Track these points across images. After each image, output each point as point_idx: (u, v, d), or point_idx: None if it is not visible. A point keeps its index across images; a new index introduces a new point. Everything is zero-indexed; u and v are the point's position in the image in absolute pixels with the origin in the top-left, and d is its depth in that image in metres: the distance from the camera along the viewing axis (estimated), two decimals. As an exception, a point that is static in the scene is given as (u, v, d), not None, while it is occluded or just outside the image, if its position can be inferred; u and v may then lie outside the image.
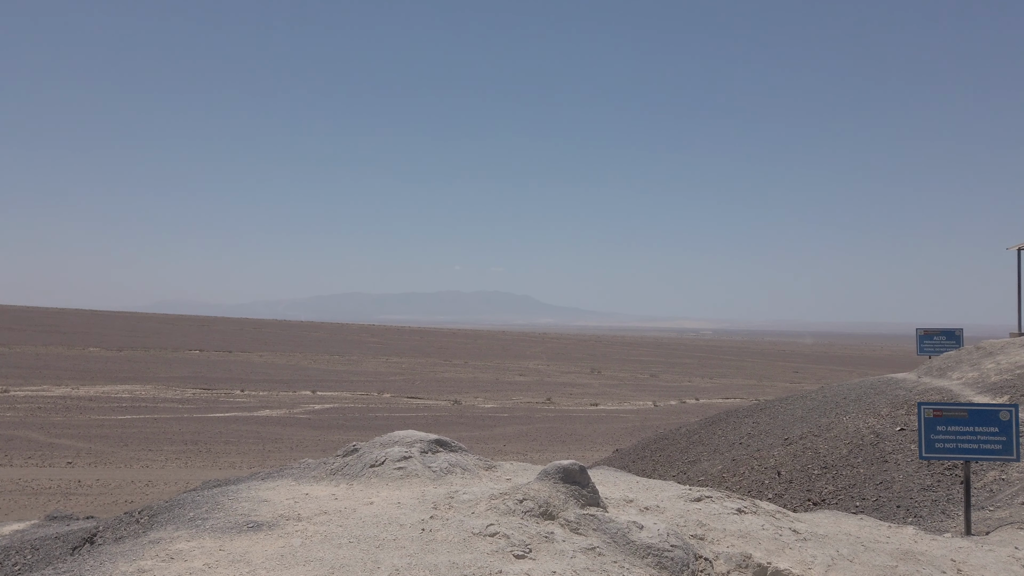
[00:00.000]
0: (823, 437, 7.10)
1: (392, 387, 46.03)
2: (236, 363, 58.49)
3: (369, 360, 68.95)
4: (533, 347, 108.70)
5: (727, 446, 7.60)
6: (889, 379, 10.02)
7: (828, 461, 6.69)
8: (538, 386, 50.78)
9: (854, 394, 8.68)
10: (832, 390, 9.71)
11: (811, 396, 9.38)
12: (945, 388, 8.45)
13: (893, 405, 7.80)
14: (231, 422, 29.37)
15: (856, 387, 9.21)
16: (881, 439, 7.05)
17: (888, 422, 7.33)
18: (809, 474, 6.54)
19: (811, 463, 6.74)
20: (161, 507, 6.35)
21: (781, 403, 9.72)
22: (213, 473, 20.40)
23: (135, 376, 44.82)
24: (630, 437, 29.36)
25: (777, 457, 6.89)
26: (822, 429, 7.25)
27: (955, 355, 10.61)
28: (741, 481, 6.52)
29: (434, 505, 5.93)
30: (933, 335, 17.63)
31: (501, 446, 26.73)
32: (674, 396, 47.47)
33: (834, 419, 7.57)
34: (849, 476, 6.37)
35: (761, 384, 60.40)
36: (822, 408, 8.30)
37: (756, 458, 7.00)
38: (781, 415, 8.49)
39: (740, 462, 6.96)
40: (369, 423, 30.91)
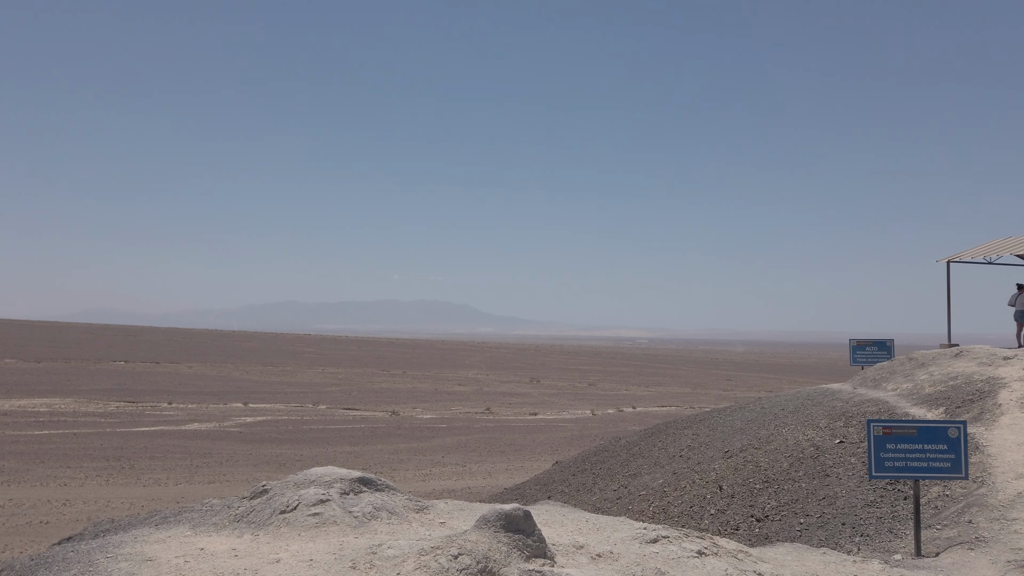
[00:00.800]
0: (763, 450, 7.02)
1: (328, 398, 45.12)
2: (164, 375, 56.44)
3: (304, 371, 67.51)
4: (472, 356, 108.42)
5: (667, 459, 7.47)
6: (825, 390, 10.09)
7: (769, 475, 6.57)
8: (477, 396, 50.55)
9: (792, 405, 8.76)
10: (770, 401, 9.60)
11: (749, 407, 9.32)
12: (881, 400, 8.48)
13: (831, 417, 7.82)
14: (157, 436, 28.23)
15: (793, 398, 9.17)
16: (821, 452, 6.99)
17: (827, 434, 7.33)
18: (751, 488, 6.42)
19: (752, 477, 6.62)
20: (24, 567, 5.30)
21: (720, 414, 9.63)
22: (136, 491, 19.53)
23: (55, 389, 42.74)
24: (569, 447, 29.41)
25: (718, 471, 6.78)
26: (762, 442, 7.16)
27: (888, 366, 10.76)
28: (682, 496, 6.37)
29: (352, 563, 5.11)
30: (865, 346, 18.05)
31: (440, 457, 26.42)
32: (612, 405, 47.89)
33: (773, 431, 7.51)
34: (791, 491, 6.26)
35: (696, 392, 61.54)
36: (761, 420, 8.34)
37: (697, 472, 6.88)
38: (720, 427, 8.50)
39: (681, 476, 6.82)
40: (303, 436, 30.17)
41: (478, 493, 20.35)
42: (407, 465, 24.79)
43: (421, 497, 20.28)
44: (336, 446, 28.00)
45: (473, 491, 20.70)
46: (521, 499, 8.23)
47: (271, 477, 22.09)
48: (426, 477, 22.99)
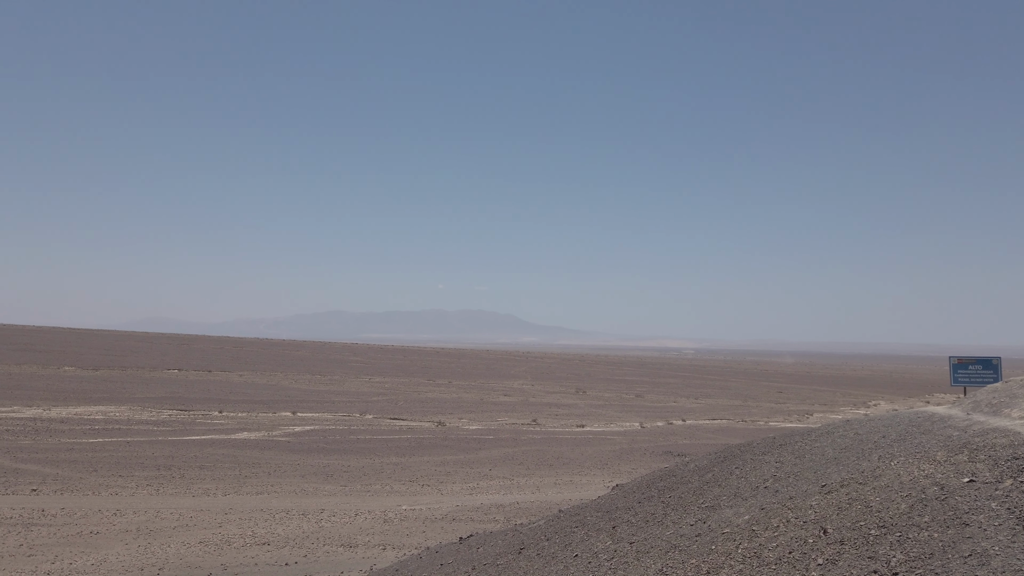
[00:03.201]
0: (871, 486, 5.93)
1: (375, 408, 45.09)
2: (215, 383, 57.23)
3: (351, 380, 67.85)
4: (517, 366, 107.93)
5: (750, 490, 6.61)
6: (930, 415, 8.61)
7: (885, 518, 5.51)
8: (523, 407, 50.00)
9: (893, 432, 7.59)
10: (863, 425, 8.23)
11: (838, 432, 8.17)
12: (1010, 430, 6.94)
13: (949, 449, 6.50)
14: (207, 445, 28.37)
15: (892, 423, 7.87)
16: (948, 493, 5.81)
17: (949, 471, 6.07)
18: (865, 535, 5.37)
19: (863, 519, 5.56)
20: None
21: (804, 438, 8.35)
22: (185, 501, 19.51)
23: (110, 396, 43.56)
24: (619, 461, 28.68)
25: (817, 509, 5.74)
26: (867, 476, 6.11)
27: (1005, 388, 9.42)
28: (777, 538, 5.40)
29: None
30: (968, 364, 16.39)
31: (487, 470, 25.96)
32: (660, 417, 46.87)
33: (879, 464, 6.39)
34: (920, 541, 5.14)
35: (747, 404, 59.98)
36: (857, 448, 7.28)
37: (791, 508, 5.87)
38: (809, 454, 7.47)
39: (771, 512, 5.87)
40: (351, 446, 30.03)
41: (527, 508, 19.84)
42: (454, 477, 24.39)
43: (471, 511, 19.75)
44: (383, 457, 27.77)
45: (522, 506, 20.19)
46: (582, 526, 7.63)
47: (318, 489, 21.97)
48: (473, 491, 22.56)
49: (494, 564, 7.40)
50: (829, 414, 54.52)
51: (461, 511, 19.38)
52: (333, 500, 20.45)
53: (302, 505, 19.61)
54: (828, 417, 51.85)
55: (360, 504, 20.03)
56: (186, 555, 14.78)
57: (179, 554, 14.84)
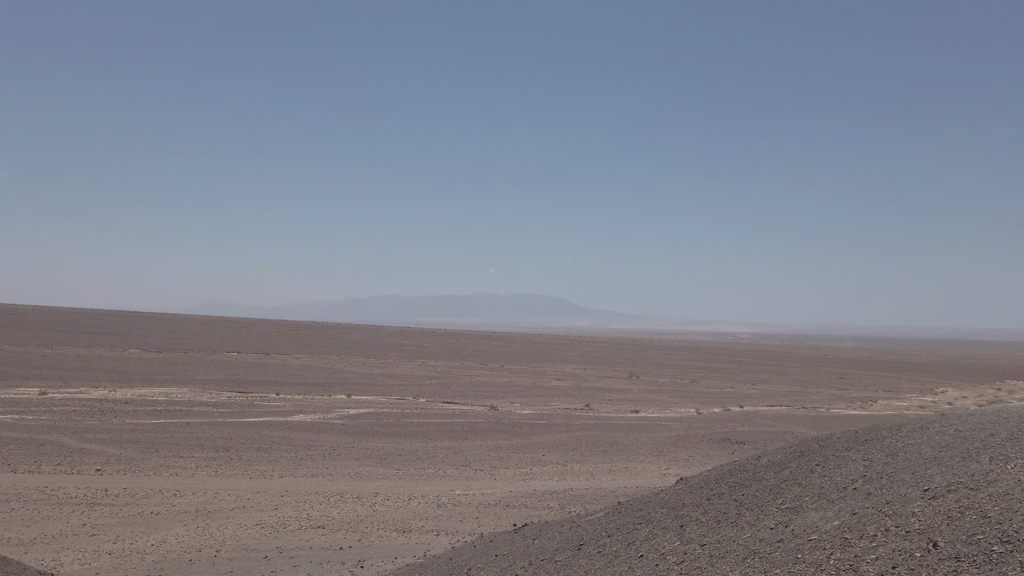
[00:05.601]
0: (985, 492, 5.13)
1: (427, 391, 45.25)
2: (273, 366, 58.29)
3: (404, 363, 68.39)
4: (569, 351, 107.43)
5: (836, 491, 5.92)
6: None
7: (1010, 532, 4.71)
8: (576, 391, 49.57)
9: (1004, 430, 6.62)
10: (964, 421, 7.21)
11: (933, 426, 7.28)
12: None
13: None
14: (264, 427, 28.76)
15: (998, 419, 6.91)
16: None
17: None
18: (987, 551, 4.62)
19: (981, 532, 4.77)
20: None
21: (894, 434, 7.43)
22: (242, 483, 19.71)
23: (172, 378, 44.70)
24: (676, 448, 28.07)
25: (922, 517, 4.96)
26: (978, 481, 5.31)
27: None
28: (876, 549, 4.71)
29: None
30: None
31: (540, 456, 25.68)
32: (717, 403, 45.89)
33: (990, 466, 5.55)
34: None
35: (807, 391, 58.37)
36: (961, 447, 6.42)
37: (889, 515, 5.12)
38: (902, 452, 6.66)
39: (865, 518, 5.17)
40: (404, 429, 30.09)
41: (581, 496, 19.47)
42: (507, 463, 24.17)
43: (524, 497, 19.46)
44: (437, 440, 27.73)
45: (576, 493, 19.84)
46: (646, 523, 7.14)
47: (372, 472, 22.00)
48: (527, 476, 22.29)
49: (552, 560, 7.03)
50: (894, 401, 52.66)
51: (514, 497, 19.13)
52: (387, 484, 20.43)
53: (356, 488, 19.63)
54: (893, 404, 50.07)
55: (414, 488, 19.96)
56: (243, 537, 14.86)
57: (236, 536, 14.93)
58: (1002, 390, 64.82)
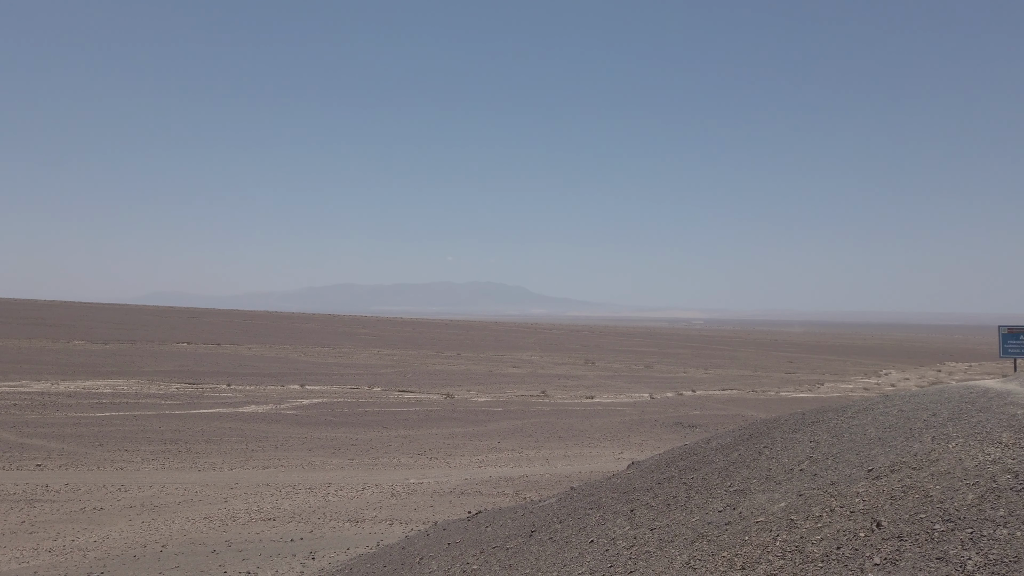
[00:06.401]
0: (927, 472, 5.13)
1: (383, 380, 44.89)
2: (224, 356, 57.18)
3: (360, 352, 67.74)
4: (526, 338, 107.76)
5: (783, 472, 5.96)
6: (984, 390, 7.64)
7: (950, 510, 4.74)
8: (532, 378, 49.73)
9: (945, 410, 6.77)
10: (906, 402, 7.28)
11: (878, 408, 7.36)
12: None
13: (1015, 429, 5.78)
14: (215, 419, 28.17)
15: (940, 399, 7.22)
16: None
17: (1021, 455, 5.27)
18: (928, 529, 4.62)
19: (924, 511, 4.79)
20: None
21: (839, 415, 7.50)
22: (191, 476, 19.26)
23: (119, 370, 43.50)
24: (630, 432, 28.33)
25: (866, 497, 5.06)
26: (920, 460, 5.34)
27: None
28: (821, 529, 4.72)
29: None
30: (1019, 334, 15.38)
31: (496, 443, 25.67)
32: (670, 388, 46.50)
33: (932, 445, 5.61)
34: (1000, 541, 4.34)
35: (757, 375, 59.54)
36: (905, 427, 6.47)
37: (834, 495, 5.12)
38: (848, 433, 6.74)
39: (811, 499, 5.18)
40: (359, 419, 29.79)
41: (536, 482, 19.51)
42: (463, 451, 24.11)
43: (479, 484, 19.45)
44: (392, 429, 27.52)
45: (531, 479, 19.87)
46: (598, 508, 7.13)
47: (326, 462, 21.71)
48: (482, 463, 22.26)
49: (504, 548, 6.96)
50: (840, 383, 54.04)
51: (470, 484, 19.07)
52: (340, 474, 20.19)
53: (309, 479, 19.35)
54: (839, 386, 51.38)
55: (368, 478, 19.75)
56: (190, 531, 14.51)
57: (183, 530, 14.57)
58: (942, 372, 67.08)
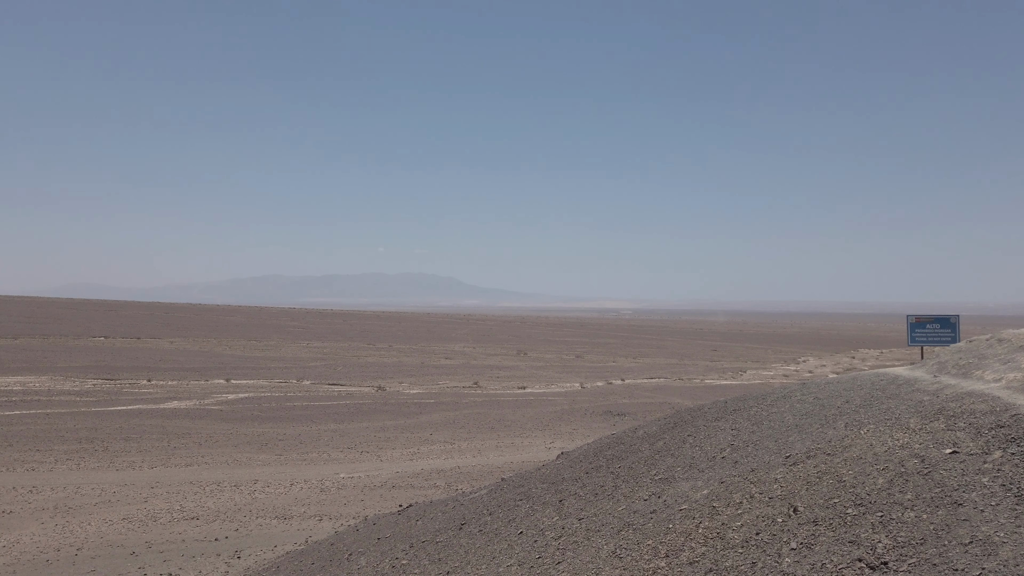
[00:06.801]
0: (841, 457, 5.33)
1: (312, 373, 44.11)
2: (144, 351, 55.12)
3: (288, 345, 66.35)
4: (459, 329, 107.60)
5: (706, 460, 6.12)
6: (893, 377, 7.98)
7: (862, 495, 4.88)
8: (464, 369, 49.71)
9: (857, 397, 6.99)
10: (822, 389, 7.55)
11: (795, 395, 7.62)
12: (986, 394, 6.47)
13: (922, 415, 5.99)
14: (134, 416, 27.15)
15: (852, 386, 7.54)
16: (931, 466, 5.17)
17: (927, 440, 5.47)
18: (841, 514, 4.73)
19: (837, 496, 4.91)
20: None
21: (759, 403, 7.71)
22: (108, 475, 18.52)
23: (30, 366, 41.41)
24: (560, 422, 28.65)
25: (783, 483, 5.22)
26: (834, 446, 5.53)
27: (971, 348, 8.87)
28: (741, 516, 4.81)
29: None
30: (926, 323, 16.13)
31: (428, 435, 25.58)
32: (600, 377, 47.22)
33: (845, 432, 5.85)
34: (908, 524, 4.48)
35: (683, 363, 61.03)
36: (820, 414, 6.68)
37: (754, 482, 5.27)
38: (767, 421, 6.93)
39: (732, 486, 5.30)
40: (287, 413, 29.20)
41: (468, 473, 19.53)
42: (394, 443, 23.93)
43: (411, 477, 19.31)
44: (321, 423, 27.09)
45: (463, 471, 19.89)
46: (527, 499, 7.18)
47: (252, 459, 21.20)
48: (414, 456, 22.15)
49: (433, 541, 6.95)
50: (761, 371, 55.91)
51: (401, 477, 18.95)
52: (268, 470, 19.76)
53: (234, 476, 18.86)
54: (760, 374, 53.17)
55: (296, 473, 19.40)
56: (107, 533, 13.96)
57: (99, 532, 14.01)
58: (855, 358, 70.18)
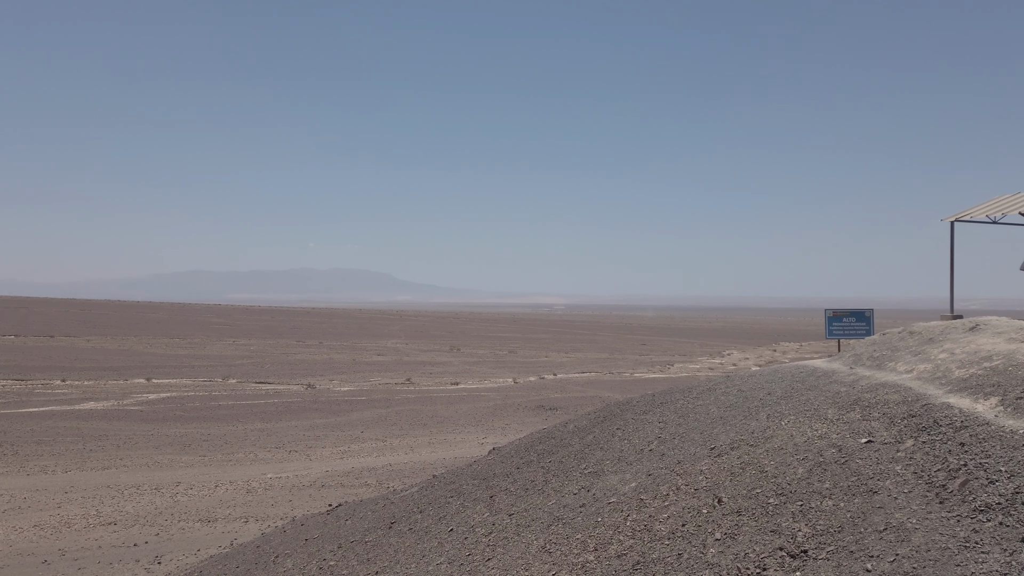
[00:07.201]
0: (763, 448, 5.49)
1: (239, 372, 42.93)
2: (58, 349, 52.62)
3: (214, 343, 64.41)
4: (391, 325, 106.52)
5: (635, 453, 6.19)
6: (813, 369, 8.23)
7: (783, 484, 5.00)
8: (397, 366, 49.26)
9: (779, 389, 7.17)
10: (745, 382, 7.88)
11: (720, 388, 7.81)
12: (899, 384, 6.75)
13: (839, 406, 6.20)
14: (46, 418, 25.89)
15: (774, 378, 7.76)
16: (847, 455, 5.32)
17: (844, 430, 5.65)
18: (764, 504, 4.82)
19: (760, 486, 5.01)
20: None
21: (686, 396, 7.88)
22: (18, 481, 17.60)
23: (-70, 367, 38.98)
24: (494, 417, 28.69)
25: (708, 474, 5.32)
26: (757, 437, 5.72)
27: (884, 341, 9.19)
28: (668, 508, 4.89)
29: None
30: (842, 316, 16.81)
31: (359, 432, 25.23)
32: (533, 372, 47.49)
33: (767, 423, 6.03)
34: (827, 512, 4.60)
35: (614, 357, 61.97)
36: (743, 406, 6.84)
37: (680, 474, 5.36)
38: (693, 414, 7.06)
39: (659, 478, 5.38)
40: (211, 413, 28.34)
41: (400, 471, 19.36)
42: (324, 442, 23.52)
43: (341, 476, 19.00)
44: (248, 423, 26.40)
45: (395, 468, 19.70)
46: (458, 496, 7.13)
47: (175, 460, 20.48)
48: (344, 454, 21.82)
49: (362, 541, 6.83)
50: (689, 364, 57.25)
51: (331, 477, 18.64)
52: (191, 472, 19.14)
53: (155, 479, 18.19)
54: (688, 367, 54.44)
55: (221, 474, 18.85)
56: (17, 541, 13.27)
57: (8, 540, 13.31)
58: (776, 351, 72.67)
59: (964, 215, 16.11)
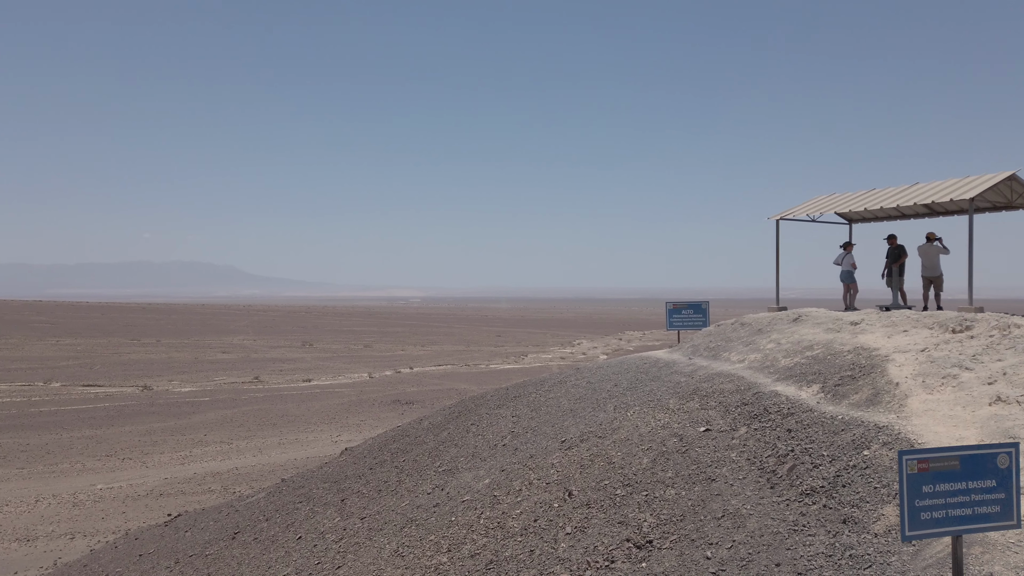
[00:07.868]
0: (610, 440, 5.60)
1: (63, 374, 39.36)
2: None
3: (33, 343, 58.66)
4: (238, 321, 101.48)
5: (488, 449, 6.13)
6: (655, 360, 8.59)
7: (629, 475, 5.09)
8: (244, 363, 47.04)
9: (624, 380, 7.35)
10: (593, 374, 8.13)
11: (571, 381, 7.87)
12: (732, 374, 7.09)
13: (680, 396, 6.44)
14: None
15: (621, 370, 7.91)
16: (688, 444, 5.52)
17: (684, 419, 5.85)
18: (612, 495, 4.89)
19: (608, 478, 5.08)
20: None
21: (537, 389, 7.95)
22: None
23: None
24: (348, 414, 28.04)
25: (560, 468, 5.34)
26: (605, 429, 5.83)
27: (720, 332, 9.71)
28: (520, 503, 4.87)
29: None
30: (681, 308, 17.66)
31: (202, 436, 23.86)
32: (389, 366, 46.94)
33: (614, 414, 6.15)
34: (670, 501, 4.72)
35: (469, 350, 62.44)
36: (592, 398, 6.88)
37: (532, 468, 5.41)
38: (544, 407, 7.01)
39: (513, 474, 5.36)
40: (30, 420, 25.81)
41: (248, 474, 18.51)
42: (162, 447, 22.05)
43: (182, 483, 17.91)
44: (73, 430, 24.26)
45: (242, 472, 18.81)
46: (308, 501, 6.83)
47: (-15, 475, 18.43)
48: (185, 460, 20.56)
49: (202, 555, 6.39)
50: (542, 354, 58.70)
51: (170, 484, 17.50)
52: (6, 486, 17.33)
53: (-38, 498, 16.31)
54: (541, 357, 55.81)
55: (43, 488, 17.20)
56: None
57: None
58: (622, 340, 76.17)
59: (787, 214, 17.44)
